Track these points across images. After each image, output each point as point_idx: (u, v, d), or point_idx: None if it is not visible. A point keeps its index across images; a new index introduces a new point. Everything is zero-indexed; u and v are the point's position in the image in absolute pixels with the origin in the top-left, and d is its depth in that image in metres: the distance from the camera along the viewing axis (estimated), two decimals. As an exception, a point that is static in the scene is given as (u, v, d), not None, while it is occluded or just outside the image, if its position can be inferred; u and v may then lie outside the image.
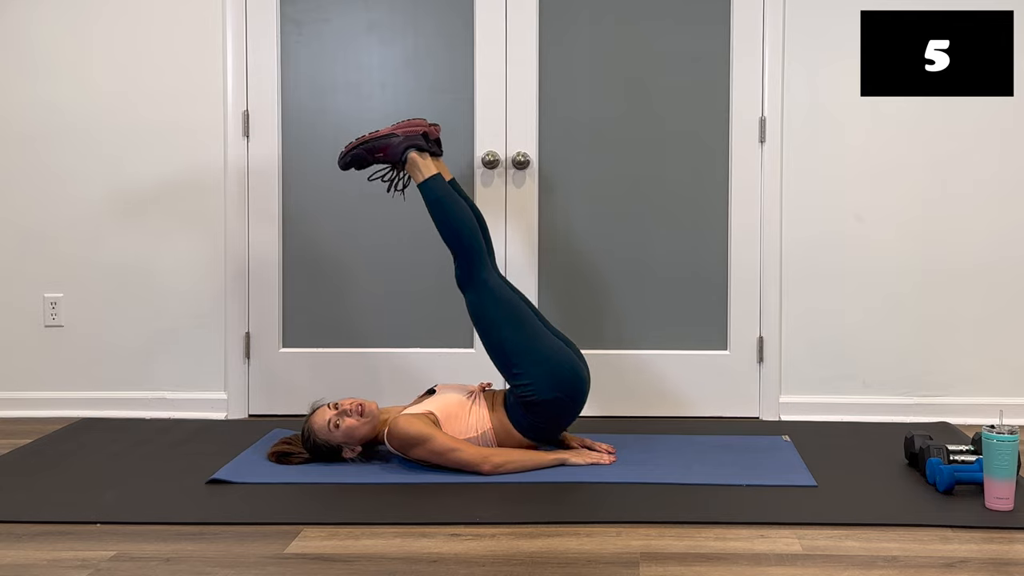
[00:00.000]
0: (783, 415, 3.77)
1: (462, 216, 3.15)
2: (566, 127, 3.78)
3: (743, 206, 3.76)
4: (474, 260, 3.12)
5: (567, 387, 3.04)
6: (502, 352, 3.08)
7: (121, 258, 3.83)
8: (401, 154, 3.17)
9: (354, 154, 3.21)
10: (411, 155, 3.17)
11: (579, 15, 3.76)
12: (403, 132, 3.18)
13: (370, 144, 3.20)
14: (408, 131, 3.18)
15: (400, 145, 3.17)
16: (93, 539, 2.47)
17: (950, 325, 3.75)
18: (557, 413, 3.06)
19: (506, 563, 2.32)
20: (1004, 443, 2.59)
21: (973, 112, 3.70)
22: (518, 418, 3.04)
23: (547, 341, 3.09)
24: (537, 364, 3.03)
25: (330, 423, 3.02)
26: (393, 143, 3.17)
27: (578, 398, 3.08)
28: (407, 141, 3.17)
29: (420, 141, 3.18)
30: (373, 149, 3.20)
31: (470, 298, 3.13)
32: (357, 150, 3.21)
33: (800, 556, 2.36)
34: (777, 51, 3.71)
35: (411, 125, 3.19)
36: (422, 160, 3.17)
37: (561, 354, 3.08)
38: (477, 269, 3.12)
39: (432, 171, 3.17)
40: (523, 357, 3.04)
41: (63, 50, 3.80)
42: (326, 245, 3.84)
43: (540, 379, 3.01)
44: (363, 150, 3.20)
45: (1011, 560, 2.37)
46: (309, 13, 3.79)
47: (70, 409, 3.81)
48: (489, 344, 3.11)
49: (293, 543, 2.44)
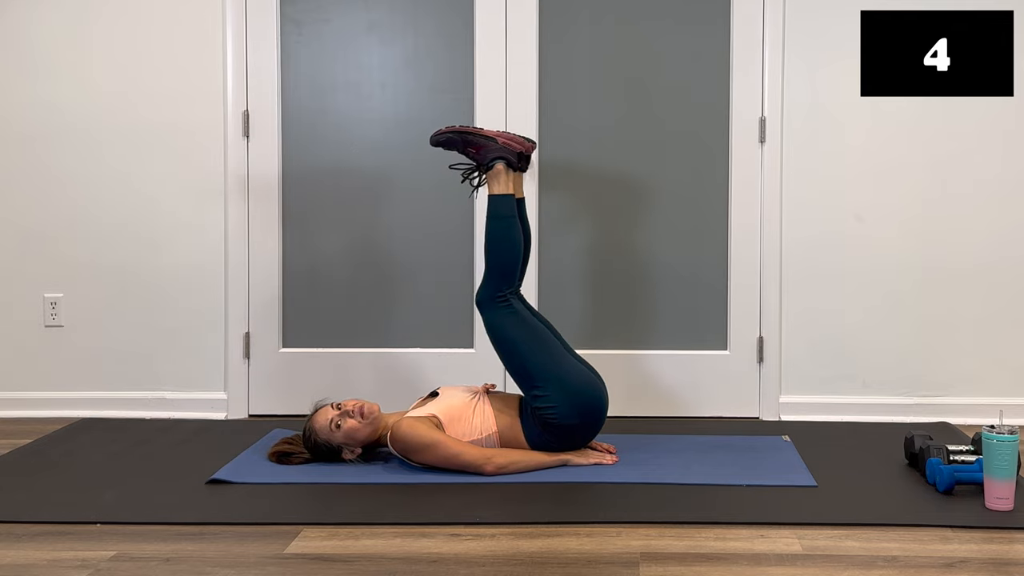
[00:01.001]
0: (783, 415, 3.77)
1: (515, 243, 3.16)
2: (566, 127, 3.78)
3: (743, 206, 3.76)
4: (503, 285, 3.13)
5: (589, 414, 3.05)
6: (525, 372, 3.07)
7: (121, 258, 3.83)
8: (490, 160, 3.17)
9: (450, 137, 3.20)
10: (498, 165, 3.17)
11: (579, 15, 3.76)
12: (504, 142, 3.18)
13: (470, 137, 3.19)
14: (508, 143, 3.18)
15: (494, 152, 3.17)
16: (93, 539, 2.47)
17: (950, 325, 3.75)
18: (573, 435, 3.07)
19: (506, 563, 2.32)
20: (1004, 443, 2.59)
21: (973, 112, 3.70)
22: (532, 432, 3.04)
23: (571, 366, 3.10)
24: (562, 389, 3.02)
25: (332, 423, 3.02)
26: (489, 146, 3.17)
27: (598, 425, 3.10)
28: (501, 151, 3.17)
29: (512, 157, 3.18)
30: (469, 143, 3.19)
31: (489, 317, 3.13)
32: (455, 135, 3.20)
33: (800, 556, 2.36)
34: (777, 51, 3.71)
35: (514, 140, 3.19)
36: (506, 175, 3.18)
37: (586, 380, 3.08)
38: (503, 292, 3.12)
39: (510, 190, 3.18)
40: (547, 380, 3.03)
41: (63, 50, 3.80)
42: (326, 245, 3.84)
43: (564, 404, 3.01)
44: (460, 138, 3.20)
45: (1011, 560, 2.37)
46: (309, 13, 3.79)
47: (70, 409, 3.81)
48: (509, 363, 3.11)
49: (293, 543, 2.44)
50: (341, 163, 3.81)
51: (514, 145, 3.18)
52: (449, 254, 3.82)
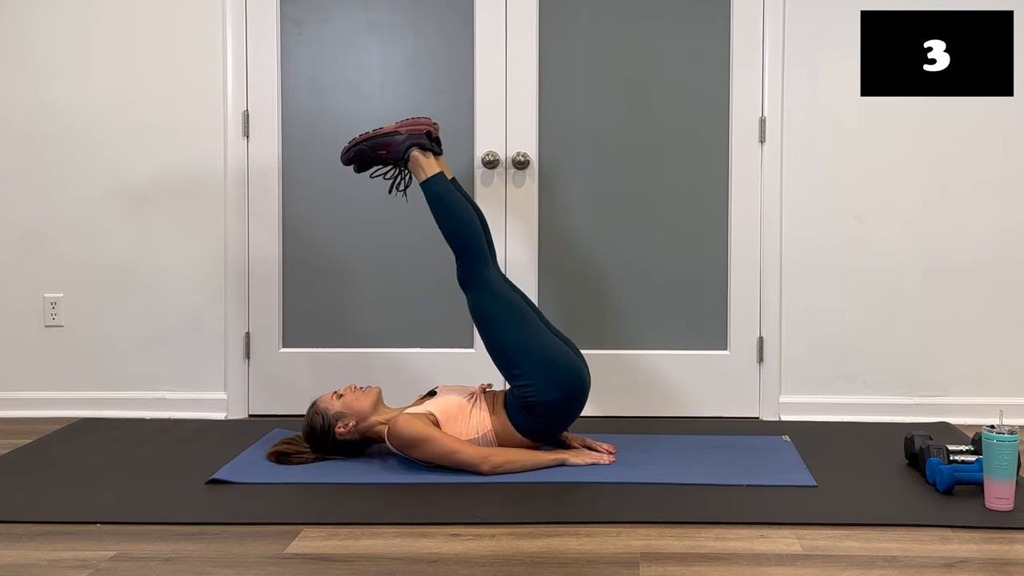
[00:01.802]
0: (783, 415, 3.78)
1: (464, 215, 3.15)
2: (566, 127, 3.78)
3: (743, 206, 3.76)
4: (476, 259, 3.12)
5: (568, 387, 3.04)
6: (503, 352, 3.08)
7: (121, 258, 3.83)
8: (404, 152, 3.17)
9: (357, 150, 3.21)
10: (414, 153, 3.16)
11: (579, 15, 3.76)
12: (407, 130, 3.18)
13: (374, 141, 3.19)
14: (412, 129, 3.17)
15: (403, 143, 3.17)
16: (93, 539, 2.47)
17: (950, 325, 3.75)
18: (558, 414, 3.06)
19: (506, 563, 2.32)
20: (1004, 443, 2.59)
21: (973, 112, 3.70)
22: (518, 419, 3.04)
23: (548, 341, 3.09)
24: (538, 365, 3.03)
25: (333, 394, 3.11)
26: (396, 141, 3.17)
27: (579, 398, 3.08)
28: (410, 139, 3.16)
29: (423, 140, 3.17)
30: (376, 146, 3.19)
31: (471, 297, 3.13)
32: (360, 146, 3.21)
33: (800, 556, 2.36)
34: (777, 51, 3.71)
35: (415, 124, 3.18)
36: (424, 159, 3.17)
37: (562, 354, 3.08)
38: (479, 268, 3.12)
39: (435, 170, 3.17)
40: (524, 357, 3.04)
41: (63, 50, 3.80)
42: (326, 245, 3.84)
43: (541, 380, 3.01)
44: (366, 146, 3.20)
45: (1011, 560, 2.36)
46: (309, 13, 3.79)
47: (70, 409, 3.82)
48: (490, 344, 3.11)
49: (293, 543, 2.44)
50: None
51: (419, 128, 3.18)
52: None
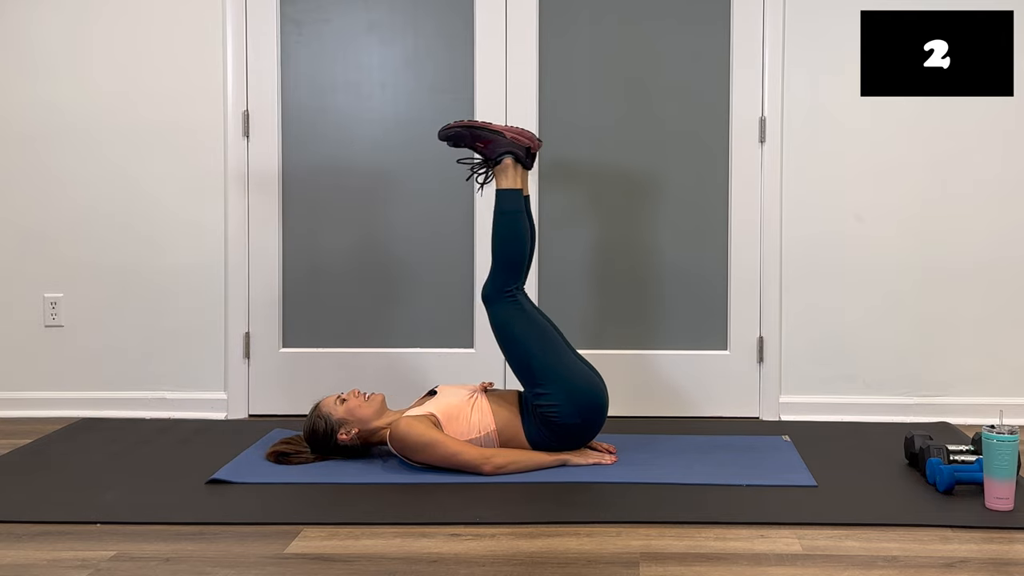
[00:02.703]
0: (783, 415, 3.77)
1: (522, 238, 3.16)
2: (566, 127, 3.78)
3: (743, 206, 3.76)
4: (510, 280, 3.13)
5: (590, 414, 3.06)
6: (528, 369, 3.08)
7: (121, 258, 3.83)
8: (499, 154, 3.17)
9: (459, 131, 3.19)
10: (507, 160, 3.17)
11: (579, 15, 3.76)
12: (511, 136, 3.18)
13: (479, 132, 3.18)
14: (516, 138, 3.18)
15: (502, 146, 3.17)
16: (93, 539, 2.47)
17: (950, 325, 3.75)
18: (575, 435, 3.07)
19: (506, 563, 2.32)
20: (1004, 443, 2.59)
21: (973, 112, 3.70)
22: (533, 431, 3.04)
23: (574, 366, 3.10)
24: (564, 388, 3.03)
25: (336, 398, 3.10)
26: (498, 141, 3.17)
27: (598, 425, 3.10)
28: (510, 146, 3.17)
29: (521, 152, 3.18)
30: (478, 137, 3.18)
31: (496, 312, 3.13)
32: (464, 129, 3.20)
33: (800, 556, 2.36)
34: (777, 51, 3.71)
35: (522, 134, 3.19)
36: (514, 169, 3.18)
37: (588, 380, 3.08)
38: (510, 287, 3.13)
39: (517, 185, 3.18)
40: (550, 378, 3.04)
41: (63, 50, 3.80)
42: (326, 245, 3.84)
43: (566, 403, 3.01)
44: (469, 132, 3.19)
45: (1011, 560, 2.36)
46: (309, 13, 3.79)
47: (70, 409, 3.82)
48: (514, 360, 3.11)
49: (293, 543, 2.44)
50: (341, 163, 3.81)
51: (522, 140, 3.18)
52: (449, 254, 3.82)
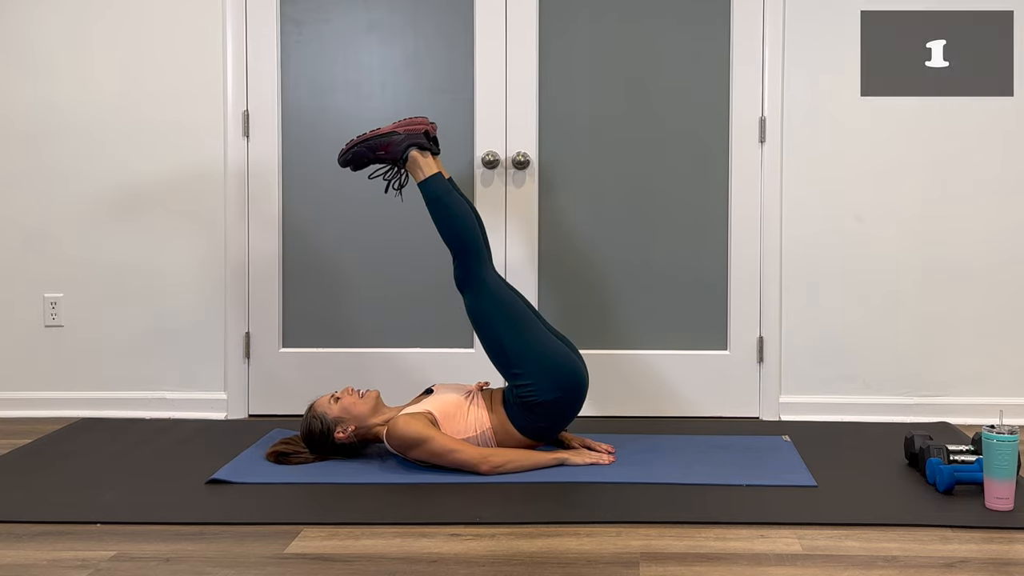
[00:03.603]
0: (783, 415, 3.77)
1: (462, 215, 3.15)
2: (566, 127, 3.78)
3: (743, 206, 3.76)
4: (472, 260, 3.12)
5: (568, 387, 3.05)
6: (502, 352, 3.08)
7: (121, 258, 3.83)
8: (402, 152, 3.17)
9: (355, 151, 3.21)
10: (412, 153, 3.17)
11: (579, 14, 3.76)
12: (404, 130, 3.18)
13: (372, 142, 3.19)
14: (409, 129, 3.18)
15: (402, 143, 3.17)
16: (93, 539, 2.47)
17: (950, 325, 3.75)
18: (557, 413, 3.06)
19: (506, 563, 2.32)
20: (1004, 443, 2.59)
21: (973, 112, 3.70)
22: (517, 418, 3.04)
23: (547, 341, 3.09)
24: (538, 365, 3.03)
25: (331, 397, 3.10)
26: (395, 141, 3.17)
27: (578, 398, 3.09)
28: (409, 139, 3.17)
29: (422, 139, 3.18)
30: (374, 147, 3.19)
31: (469, 298, 3.13)
32: (358, 147, 3.20)
33: (800, 556, 2.36)
34: (777, 51, 3.71)
35: (412, 123, 3.19)
36: (423, 159, 3.17)
37: (561, 354, 3.08)
38: (476, 269, 3.12)
39: (433, 170, 3.17)
40: (523, 358, 3.04)
41: (64, 50, 3.80)
42: (326, 245, 3.84)
43: (541, 380, 3.01)
44: (364, 147, 3.20)
45: (1011, 560, 2.37)
46: (309, 13, 3.79)
47: (70, 409, 3.82)
48: (488, 344, 3.11)
49: (293, 543, 2.44)
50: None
51: (417, 128, 3.18)
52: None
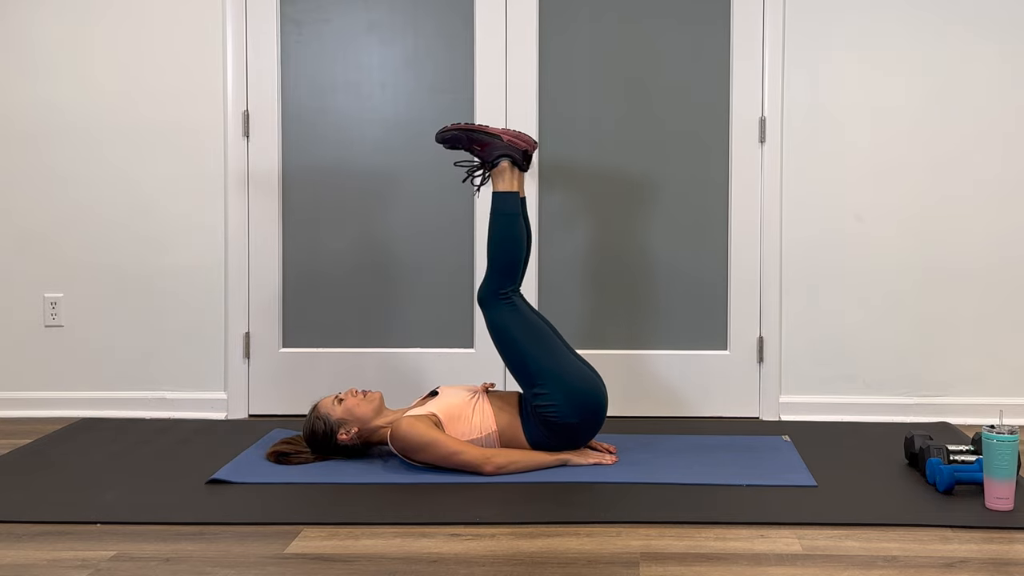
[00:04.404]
0: (783, 415, 3.78)
1: (518, 240, 3.17)
2: (566, 126, 3.78)
3: (743, 206, 3.76)
4: (505, 282, 3.13)
5: (589, 413, 3.06)
6: (525, 370, 3.07)
7: (121, 258, 3.83)
8: (496, 157, 3.18)
9: (455, 134, 3.21)
10: (503, 163, 3.17)
11: (579, 14, 3.76)
12: (508, 139, 3.19)
13: (475, 135, 3.20)
14: (513, 141, 3.19)
15: (499, 149, 3.18)
16: (93, 539, 2.47)
17: (950, 325, 3.75)
18: (575, 435, 3.07)
19: (506, 563, 2.32)
20: (1004, 443, 2.59)
21: (973, 112, 3.70)
22: (533, 431, 3.04)
23: (572, 365, 3.10)
24: (562, 388, 3.02)
25: (334, 398, 3.10)
26: (495, 144, 3.18)
27: (598, 424, 3.10)
28: (507, 149, 3.18)
29: (517, 155, 3.19)
30: (474, 140, 3.20)
31: (491, 314, 3.13)
32: (461, 132, 3.21)
33: (800, 556, 2.36)
34: (777, 51, 3.71)
35: (519, 137, 3.20)
36: (510, 172, 3.18)
37: (586, 380, 3.08)
38: (505, 289, 3.13)
39: (514, 187, 3.19)
40: (548, 378, 3.03)
41: (64, 50, 3.80)
42: (326, 245, 3.84)
43: (565, 403, 3.01)
44: (465, 135, 3.20)
45: (1011, 560, 2.36)
46: (309, 13, 3.79)
47: (70, 409, 3.82)
48: (511, 361, 3.11)
49: (293, 543, 2.44)
50: (341, 163, 3.81)
51: (519, 143, 3.19)
52: (449, 254, 3.82)
